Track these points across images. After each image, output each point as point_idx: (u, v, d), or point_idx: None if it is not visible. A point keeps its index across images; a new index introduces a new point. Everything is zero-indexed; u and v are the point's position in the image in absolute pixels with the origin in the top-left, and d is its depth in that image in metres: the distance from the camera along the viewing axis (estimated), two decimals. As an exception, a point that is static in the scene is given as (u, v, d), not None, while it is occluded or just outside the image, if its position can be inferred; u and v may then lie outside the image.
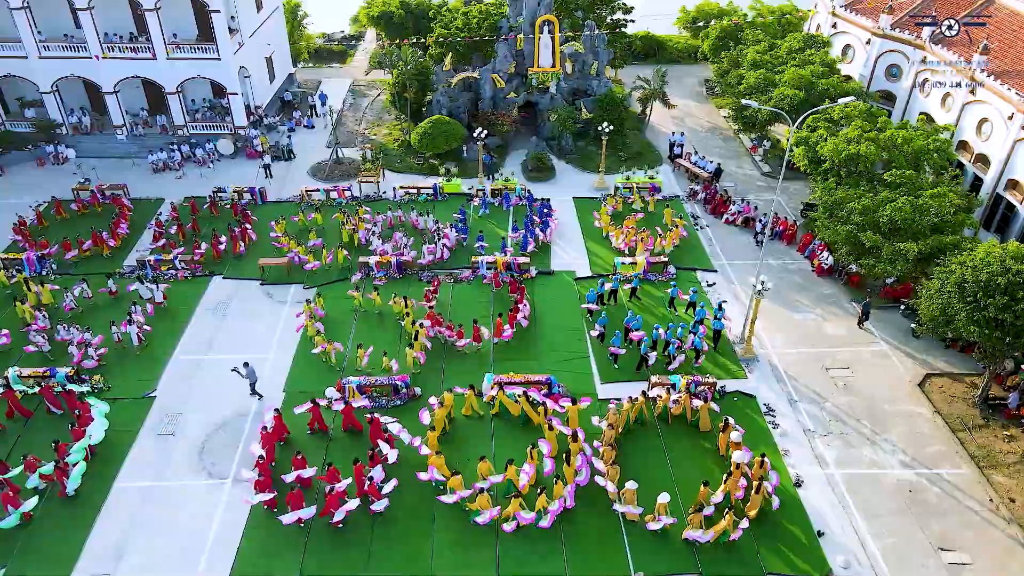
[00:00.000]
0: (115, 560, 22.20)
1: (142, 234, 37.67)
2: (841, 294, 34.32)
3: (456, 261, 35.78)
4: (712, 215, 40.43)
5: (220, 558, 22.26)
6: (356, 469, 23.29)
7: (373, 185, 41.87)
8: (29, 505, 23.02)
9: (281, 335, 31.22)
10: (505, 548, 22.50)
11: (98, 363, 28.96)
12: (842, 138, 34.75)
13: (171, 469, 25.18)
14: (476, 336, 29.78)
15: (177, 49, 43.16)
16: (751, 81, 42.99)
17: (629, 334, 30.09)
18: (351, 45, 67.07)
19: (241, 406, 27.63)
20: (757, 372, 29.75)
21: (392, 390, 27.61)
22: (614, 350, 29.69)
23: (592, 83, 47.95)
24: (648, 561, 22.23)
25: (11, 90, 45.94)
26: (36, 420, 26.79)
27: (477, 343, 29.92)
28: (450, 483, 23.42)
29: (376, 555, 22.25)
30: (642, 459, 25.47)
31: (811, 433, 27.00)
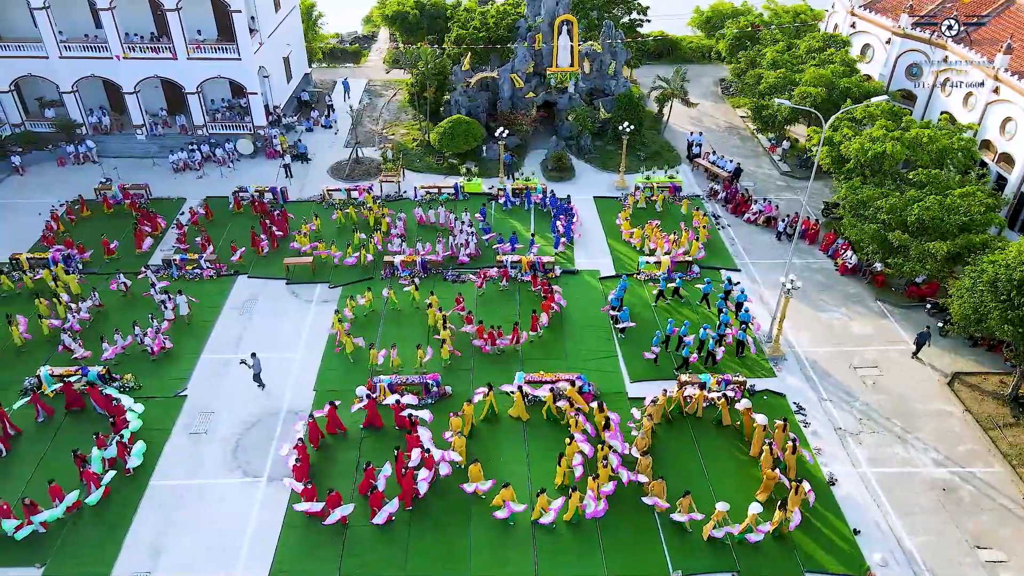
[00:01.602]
0: (153, 558, 22.25)
1: (165, 234, 37.75)
2: (865, 293, 34.34)
3: (481, 261, 35.80)
4: (733, 214, 40.46)
5: (259, 556, 22.29)
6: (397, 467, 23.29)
7: (394, 185, 41.92)
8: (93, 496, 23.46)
9: (308, 334, 31.27)
10: (542, 546, 22.53)
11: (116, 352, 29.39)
12: (866, 137, 34.77)
13: (205, 467, 25.23)
14: (516, 337, 29.81)
15: (198, 49, 43.21)
16: (771, 81, 43.02)
17: (675, 342, 30.14)
18: (364, 45, 67.13)
19: (272, 405, 27.70)
20: (785, 371, 29.78)
21: (423, 389, 27.65)
22: (650, 353, 29.88)
23: (610, 83, 48.00)
24: (686, 559, 22.25)
25: (30, 90, 46.03)
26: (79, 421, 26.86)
27: (518, 343, 30.03)
28: (470, 471, 23.65)
29: (414, 554, 22.28)
30: (674, 456, 25.53)
31: (842, 432, 27.03)
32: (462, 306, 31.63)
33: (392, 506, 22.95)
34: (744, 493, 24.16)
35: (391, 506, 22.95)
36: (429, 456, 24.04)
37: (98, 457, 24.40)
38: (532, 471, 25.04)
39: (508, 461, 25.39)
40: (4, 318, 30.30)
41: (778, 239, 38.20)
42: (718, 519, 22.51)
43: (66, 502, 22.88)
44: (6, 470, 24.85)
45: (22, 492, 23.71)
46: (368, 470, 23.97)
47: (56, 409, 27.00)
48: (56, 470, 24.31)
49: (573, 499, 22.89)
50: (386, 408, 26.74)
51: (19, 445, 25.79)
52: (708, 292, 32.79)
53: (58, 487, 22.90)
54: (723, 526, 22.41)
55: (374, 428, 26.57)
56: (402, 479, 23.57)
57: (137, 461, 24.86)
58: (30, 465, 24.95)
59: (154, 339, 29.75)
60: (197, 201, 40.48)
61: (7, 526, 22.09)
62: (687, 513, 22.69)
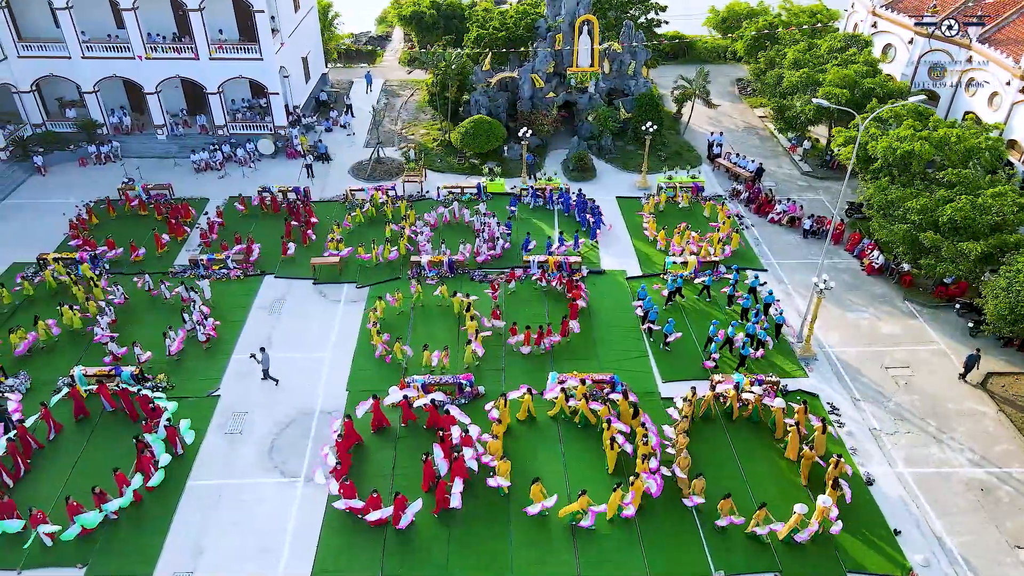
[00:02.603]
0: (195, 558, 22.21)
1: (191, 233, 37.79)
2: (893, 293, 34.30)
3: (507, 261, 35.80)
4: (756, 214, 40.43)
5: (299, 556, 22.25)
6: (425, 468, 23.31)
7: (417, 185, 41.93)
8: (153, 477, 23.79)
9: (338, 334, 31.25)
10: (583, 546, 22.50)
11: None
12: (893, 137, 34.73)
13: (241, 467, 25.19)
14: (537, 340, 29.88)
15: (220, 49, 43.23)
16: (793, 81, 43.00)
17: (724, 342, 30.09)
18: (379, 45, 67.17)
19: (306, 405, 27.68)
20: (817, 371, 29.75)
21: (456, 388, 27.63)
22: (669, 339, 30.02)
23: (629, 83, 48.01)
24: (727, 559, 22.22)
25: (50, 90, 46.08)
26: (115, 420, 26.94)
27: (565, 336, 30.18)
28: (499, 467, 23.72)
29: (455, 554, 22.24)
30: (709, 456, 25.49)
31: (877, 432, 26.98)
32: (496, 295, 32.04)
33: (416, 506, 22.94)
34: (783, 492, 24.16)
35: (415, 505, 22.86)
36: (459, 460, 23.92)
37: (157, 438, 24.91)
38: (569, 471, 25.02)
39: (544, 462, 25.36)
40: (31, 320, 30.36)
41: (804, 237, 38.21)
42: (759, 519, 22.48)
43: (134, 484, 23.23)
44: (46, 470, 24.87)
45: (60, 491, 23.75)
46: (426, 464, 23.97)
47: (91, 410, 27.00)
48: (97, 466, 24.53)
49: (614, 497, 22.87)
50: (419, 408, 26.77)
51: (58, 444, 25.80)
52: (732, 294, 32.78)
53: (122, 475, 23.22)
54: (767, 524, 22.37)
55: (411, 425, 26.58)
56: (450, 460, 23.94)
57: (190, 437, 25.63)
58: (66, 467, 24.96)
59: (204, 327, 30.17)
60: (221, 201, 40.52)
61: (88, 519, 22.38)
62: (727, 516, 22.62)
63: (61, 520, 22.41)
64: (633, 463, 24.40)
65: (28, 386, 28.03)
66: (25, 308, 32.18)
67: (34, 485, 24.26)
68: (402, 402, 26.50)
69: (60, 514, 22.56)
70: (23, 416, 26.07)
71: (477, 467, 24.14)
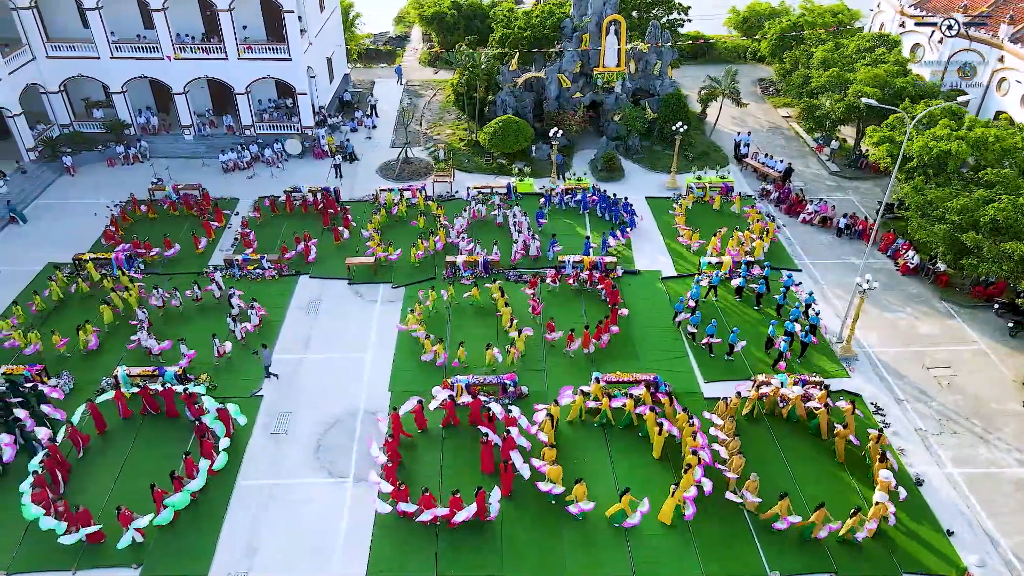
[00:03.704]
0: (249, 558, 22.20)
1: (223, 234, 37.80)
2: (929, 293, 34.23)
3: (542, 262, 35.76)
4: (787, 215, 40.35)
5: (353, 556, 22.20)
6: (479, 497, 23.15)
7: (446, 185, 41.90)
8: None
9: (377, 334, 31.22)
10: (637, 547, 22.45)
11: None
12: (929, 136, 34.65)
13: (289, 467, 25.17)
14: (586, 342, 29.83)
15: (248, 50, 43.22)
16: (822, 80, 42.93)
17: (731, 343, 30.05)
18: (397, 46, 67.16)
19: (350, 405, 27.64)
20: (859, 371, 29.68)
21: (500, 389, 27.59)
22: (706, 340, 29.95)
23: (655, 83, 47.96)
24: (782, 560, 22.16)
25: (76, 91, 46.08)
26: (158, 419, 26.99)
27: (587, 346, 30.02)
28: (549, 472, 23.56)
29: (509, 554, 22.20)
30: (758, 457, 25.42)
31: (923, 432, 26.91)
32: (534, 296, 32.06)
33: (496, 495, 23.11)
34: (834, 492, 24.15)
35: (467, 512, 22.74)
36: (508, 469, 23.82)
37: (213, 418, 25.64)
38: (616, 470, 25.00)
39: (591, 462, 25.32)
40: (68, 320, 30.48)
41: (838, 236, 38.15)
42: (819, 520, 22.38)
43: (202, 471, 23.62)
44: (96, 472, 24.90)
45: (110, 489, 23.79)
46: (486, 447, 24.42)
47: (135, 410, 27.05)
48: (149, 461, 24.95)
49: (669, 502, 22.82)
50: (463, 408, 26.75)
51: (106, 443, 25.91)
52: (762, 293, 32.72)
53: (191, 459, 23.81)
54: (827, 523, 22.32)
55: (452, 427, 26.57)
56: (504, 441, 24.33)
57: (242, 420, 26.05)
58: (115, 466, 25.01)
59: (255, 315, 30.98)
60: (251, 201, 40.52)
61: (163, 517, 22.60)
62: (786, 516, 22.52)
63: (113, 522, 22.40)
64: (681, 451, 24.71)
65: (71, 386, 28.03)
66: (59, 311, 32.24)
67: (86, 487, 24.30)
68: (447, 403, 26.45)
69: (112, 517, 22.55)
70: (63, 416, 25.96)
71: (528, 473, 24.03)
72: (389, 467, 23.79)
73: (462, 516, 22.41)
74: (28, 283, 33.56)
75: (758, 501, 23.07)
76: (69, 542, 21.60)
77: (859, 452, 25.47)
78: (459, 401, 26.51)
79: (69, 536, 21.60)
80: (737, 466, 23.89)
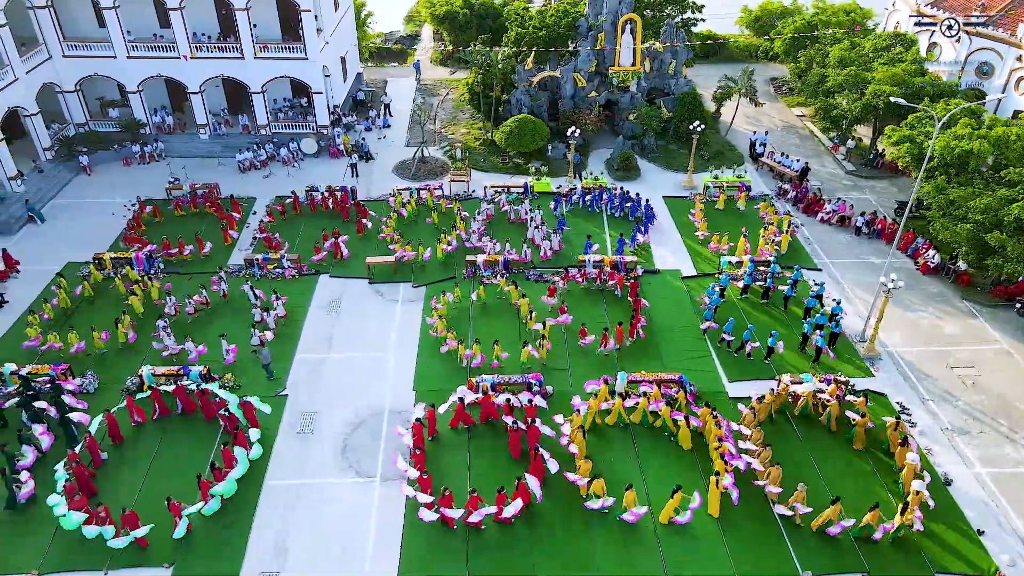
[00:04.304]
0: (279, 558, 22.17)
1: (242, 232, 37.78)
2: (949, 292, 34.19)
3: (562, 260, 35.75)
4: (805, 214, 40.29)
5: (384, 556, 22.17)
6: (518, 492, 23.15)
7: (463, 184, 41.87)
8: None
9: (399, 334, 31.19)
10: (668, 547, 22.41)
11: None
12: (950, 135, 34.58)
13: (316, 467, 25.14)
14: (619, 337, 29.85)
15: (265, 49, 43.18)
16: (838, 80, 42.86)
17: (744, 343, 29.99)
18: (408, 45, 67.07)
19: (375, 405, 27.60)
20: (883, 371, 29.64)
21: (525, 388, 27.55)
22: (726, 336, 30.01)
23: (669, 82, 47.90)
24: (814, 560, 22.12)
25: (90, 90, 45.98)
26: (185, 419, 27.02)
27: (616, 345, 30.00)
28: (593, 487, 23.36)
29: (540, 554, 22.15)
30: (786, 456, 25.37)
31: (949, 432, 26.87)
32: (561, 306, 31.95)
33: (534, 483, 23.23)
34: (858, 488, 24.23)
35: (514, 507, 22.76)
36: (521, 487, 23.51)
37: (235, 406, 26.03)
38: (644, 469, 24.99)
39: (621, 462, 25.29)
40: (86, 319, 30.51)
41: (856, 235, 38.11)
42: (833, 516, 22.38)
43: (241, 459, 24.04)
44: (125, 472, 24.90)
45: (141, 485, 23.80)
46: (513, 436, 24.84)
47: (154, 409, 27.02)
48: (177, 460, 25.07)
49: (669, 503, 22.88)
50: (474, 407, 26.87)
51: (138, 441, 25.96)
52: (791, 295, 32.63)
53: (228, 450, 24.21)
54: (840, 520, 22.32)
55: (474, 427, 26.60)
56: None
57: (266, 409, 26.30)
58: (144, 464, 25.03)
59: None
60: (268, 200, 40.50)
61: (209, 506, 22.91)
62: (838, 521, 22.44)
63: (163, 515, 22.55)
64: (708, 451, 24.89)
65: (96, 386, 28.01)
66: (83, 309, 32.25)
67: (115, 488, 24.29)
68: (458, 405, 26.44)
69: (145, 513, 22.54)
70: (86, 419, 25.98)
71: (556, 467, 24.09)
72: (424, 479, 23.62)
73: (511, 511, 22.47)
74: (49, 282, 33.49)
75: (808, 511, 22.91)
76: (120, 545, 21.63)
77: (878, 435, 25.79)
78: (468, 401, 26.54)
79: (119, 540, 21.61)
80: (775, 478, 23.71)
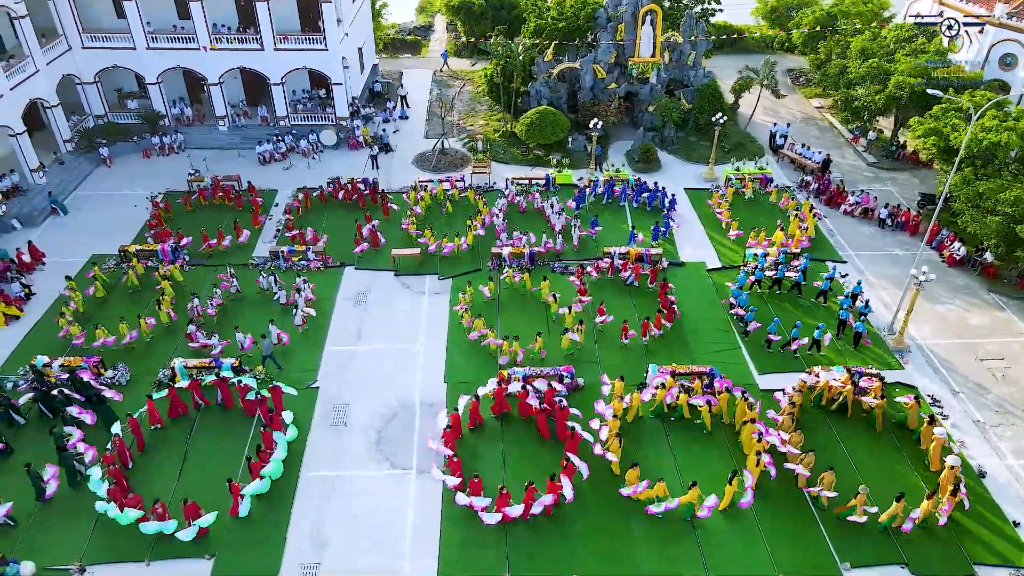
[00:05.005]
0: (319, 550, 22.22)
1: (264, 225, 37.75)
2: (976, 285, 34.17)
3: (585, 252, 35.73)
4: (827, 206, 40.20)
5: (423, 550, 22.17)
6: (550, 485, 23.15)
7: (485, 176, 41.80)
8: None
9: (427, 326, 31.20)
10: (706, 542, 22.43)
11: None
12: (978, 127, 34.46)
13: (351, 459, 25.16)
14: (644, 330, 29.90)
15: (285, 40, 43.02)
16: (861, 71, 42.68)
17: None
18: (421, 36, 66.86)
19: (406, 398, 27.62)
20: (912, 363, 29.64)
21: (557, 380, 27.56)
22: (771, 337, 29.79)
23: (689, 73, 47.73)
24: (852, 552, 22.17)
25: (108, 81, 45.83)
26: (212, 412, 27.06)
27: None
28: (627, 476, 23.44)
29: (580, 549, 22.13)
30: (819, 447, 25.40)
31: (981, 424, 26.90)
32: (581, 285, 32.12)
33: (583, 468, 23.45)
34: (888, 479, 24.29)
35: (547, 499, 22.83)
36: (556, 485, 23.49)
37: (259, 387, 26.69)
38: (678, 460, 25.06)
39: (655, 455, 25.33)
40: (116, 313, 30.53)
41: (880, 228, 38.06)
42: (859, 503, 22.47)
43: (280, 442, 24.39)
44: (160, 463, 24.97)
45: (177, 480, 23.88)
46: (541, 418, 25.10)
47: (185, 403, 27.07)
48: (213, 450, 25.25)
49: (729, 490, 22.88)
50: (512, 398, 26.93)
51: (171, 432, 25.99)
52: (827, 289, 32.56)
53: (267, 433, 24.50)
54: (865, 509, 22.46)
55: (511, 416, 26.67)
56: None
57: (293, 391, 26.80)
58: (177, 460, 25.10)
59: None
60: (290, 192, 40.47)
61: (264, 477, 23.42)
62: (829, 490, 22.70)
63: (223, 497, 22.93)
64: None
65: (128, 378, 28.06)
66: (110, 303, 32.28)
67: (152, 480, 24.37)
68: (497, 390, 26.49)
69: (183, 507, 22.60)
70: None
71: (591, 437, 24.58)
72: (455, 461, 23.74)
73: (537, 509, 22.52)
74: (75, 274, 33.46)
75: (834, 495, 23.00)
76: (188, 537, 21.85)
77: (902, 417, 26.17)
78: (509, 390, 26.62)
79: (186, 531, 21.84)
80: (808, 463, 23.78)
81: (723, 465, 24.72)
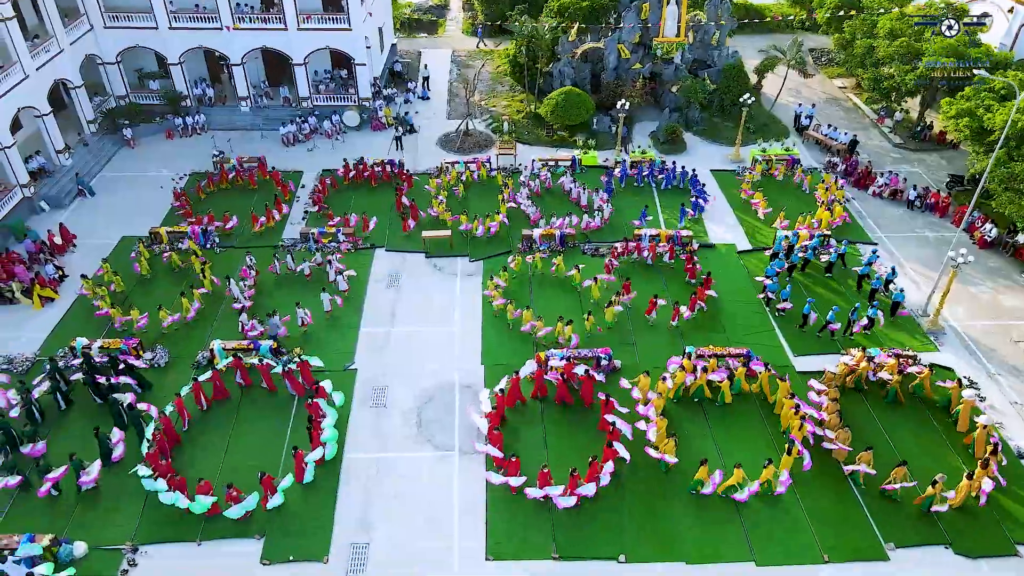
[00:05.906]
0: (367, 530, 22.40)
1: (292, 207, 37.69)
2: (1009, 267, 34.12)
3: (613, 234, 35.67)
4: (856, 187, 40.03)
5: (469, 530, 22.30)
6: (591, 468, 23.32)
7: (511, 157, 41.62)
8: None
9: (462, 307, 31.22)
10: (751, 524, 22.55)
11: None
12: (1010, 108, 34.16)
13: (394, 441, 25.29)
14: (675, 314, 29.96)
15: (308, 20, 42.67)
16: (889, 51, 42.30)
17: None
18: (438, 15, 66.25)
19: (444, 379, 27.70)
20: (947, 345, 29.66)
21: (595, 362, 27.64)
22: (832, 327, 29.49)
23: (713, 53, 47.35)
24: (896, 532, 22.31)
25: (129, 62, 45.52)
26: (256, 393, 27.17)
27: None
28: (699, 475, 23.35)
29: (626, 531, 22.24)
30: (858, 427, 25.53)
31: (1019, 406, 26.96)
32: (608, 263, 32.51)
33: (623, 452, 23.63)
34: (932, 461, 24.38)
35: (588, 489, 22.92)
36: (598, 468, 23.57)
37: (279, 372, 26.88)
38: (719, 443, 25.18)
39: (693, 437, 25.45)
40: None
41: (909, 208, 37.95)
42: (898, 476, 22.71)
43: (329, 414, 25.18)
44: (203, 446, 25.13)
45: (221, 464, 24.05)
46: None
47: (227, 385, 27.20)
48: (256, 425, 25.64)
49: (766, 473, 23.00)
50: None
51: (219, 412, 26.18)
52: (866, 273, 32.43)
53: (316, 404, 25.01)
54: (900, 482, 22.74)
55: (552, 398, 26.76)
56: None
57: (318, 362, 27.40)
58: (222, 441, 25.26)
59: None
60: (314, 173, 40.36)
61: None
62: (901, 482, 22.82)
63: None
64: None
65: (166, 360, 28.16)
66: (146, 283, 32.34)
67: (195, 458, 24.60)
68: (537, 372, 26.63)
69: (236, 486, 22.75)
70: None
71: (629, 428, 24.66)
72: (496, 433, 23.88)
73: (585, 490, 22.68)
74: (107, 256, 33.48)
75: (873, 473, 23.16)
76: (273, 504, 22.63)
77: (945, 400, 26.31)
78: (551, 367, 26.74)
79: (272, 499, 22.65)
80: (845, 439, 23.96)
81: (763, 444, 24.87)
